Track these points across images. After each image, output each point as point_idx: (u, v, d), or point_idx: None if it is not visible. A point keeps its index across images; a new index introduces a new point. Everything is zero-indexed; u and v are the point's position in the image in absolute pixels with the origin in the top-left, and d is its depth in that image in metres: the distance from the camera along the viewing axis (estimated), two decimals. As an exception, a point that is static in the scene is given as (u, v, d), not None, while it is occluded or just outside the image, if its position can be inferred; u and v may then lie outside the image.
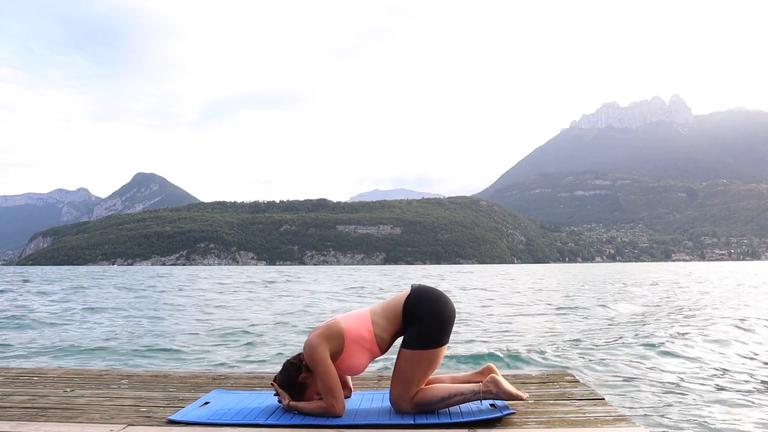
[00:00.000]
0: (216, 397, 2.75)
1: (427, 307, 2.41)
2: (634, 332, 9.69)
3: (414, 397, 2.44)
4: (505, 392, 2.41)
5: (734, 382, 5.72)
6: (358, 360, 2.46)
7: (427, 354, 2.39)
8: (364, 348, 2.44)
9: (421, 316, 2.40)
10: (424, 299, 2.43)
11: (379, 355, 2.51)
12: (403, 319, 2.44)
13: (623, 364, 6.68)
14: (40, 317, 12.83)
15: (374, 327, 2.45)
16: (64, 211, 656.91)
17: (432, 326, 2.39)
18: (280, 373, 2.54)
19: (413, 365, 2.40)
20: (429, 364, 2.42)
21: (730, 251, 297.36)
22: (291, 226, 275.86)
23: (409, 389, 2.43)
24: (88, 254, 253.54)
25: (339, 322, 2.44)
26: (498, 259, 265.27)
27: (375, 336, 2.44)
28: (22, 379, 3.26)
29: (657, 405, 4.86)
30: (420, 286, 2.51)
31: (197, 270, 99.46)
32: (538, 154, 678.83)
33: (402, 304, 2.45)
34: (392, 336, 2.49)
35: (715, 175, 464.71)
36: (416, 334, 2.40)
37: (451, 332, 2.47)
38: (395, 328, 2.46)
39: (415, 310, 2.42)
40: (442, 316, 2.41)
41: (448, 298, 2.50)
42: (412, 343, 2.41)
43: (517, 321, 11.90)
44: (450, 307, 2.46)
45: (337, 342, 2.40)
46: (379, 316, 2.47)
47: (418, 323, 2.41)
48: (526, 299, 18.81)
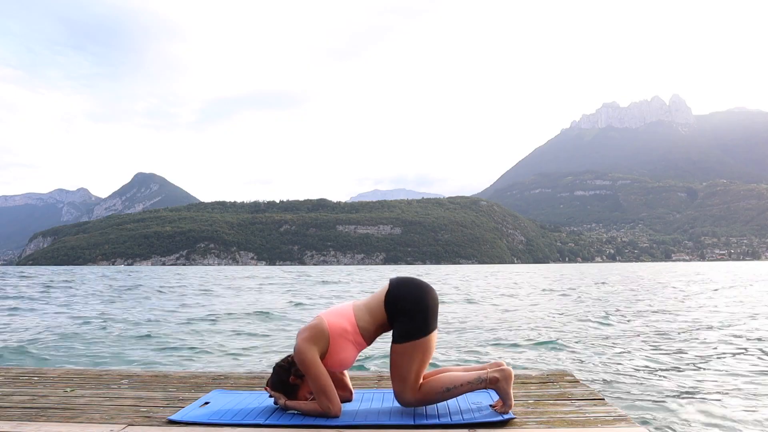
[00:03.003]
0: (216, 397, 2.75)
1: (407, 298, 2.41)
2: (635, 332, 9.66)
3: (420, 389, 2.44)
4: (508, 388, 2.41)
5: (735, 382, 5.70)
6: (345, 354, 2.46)
7: (418, 344, 2.39)
8: (348, 341, 2.44)
9: (404, 308, 2.41)
10: (403, 291, 2.44)
11: (366, 346, 2.51)
12: (387, 312, 2.44)
13: (623, 364, 6.66)
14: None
15: (357, 320, 2.45)
16: (64, 211, 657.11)
17: (416, 316, 2.39)
18: (271, 376, 2.57)
19: (407, 358, 2.40)
20: (423, 354, 2.41)
21: (730, 251, 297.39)
22: (291, 226, 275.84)
23: (409, 382, 2.42)
24: (88, 254, 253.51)
25: (323, 320, 2.45)
26: (498, 259, 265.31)
27: (359, 328, 2.44)
28: (22, 379, 3.25)
29: (657, 405, 4.84)
30: (398, 278, 2.52)
31: (228, 270, 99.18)
32: (538, 154, 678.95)
33: (383, 298, 2.45)
34: (377, 328, 2.49)
35: (715, 175, 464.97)
36: (402, 327, 2.41)
37: (437, 318, 2.46)
38: (379, 321, 2.47)
39: (396, 303, 2.43)
40: (424, 304, 2.41)
41: (428, 285, 2.50)
42: (400, 337, 2.41)
43: (517, 320, 11.87)
44: (431, 293, 2.47)
45: (323, 341, 2.41)
46: (362, 310, 2.48)
47: (402, 316, 2.41)
48: (529, 297, 18.77)
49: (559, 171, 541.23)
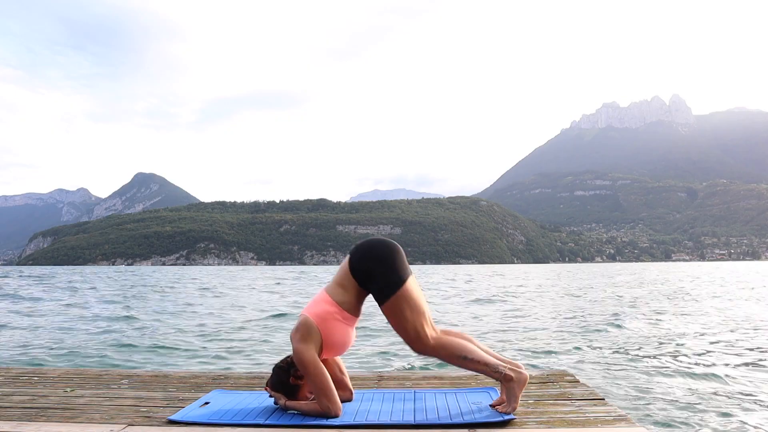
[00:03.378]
0: (216, 397, 2.75)
1: (369, 259, 2.41)
2: (635, 332, 9.66)
3: (438, 340, 2.42)
4: (518, 391, 2.40)
5: (735, 382, 5.69)
6: (339, 334, 2.45)
7: (399, 297, 2.38)
8: (336, 321, 2.43)
9: (369, 269, 2.41)
10: (363, 254, 2.44)
11: (355, 319, 2.50)
12: (357, 280, 2.43)
13: (624, 364, 6.65)
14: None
15: (334, 297, 2.45)
16: (64, 211, 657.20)
17: (384, 271, 2.39)
18: (271, 376, 2.57)
19: (397, 314, 2.39)
20: (409, 303, 2.39)
21: (730, 251, 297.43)
22: (291, 226, 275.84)
23: (411, 334, 2.39)
24: (88, 254, 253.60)
25: (305, 314, 2.45)
26: (498, 259, 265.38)
27: (339, 303, 2.44)
28: (22, 379, 3.25)
29: (657, 405, 4.83)
30: (356, 245, 2.51)
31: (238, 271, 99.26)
32: (538, 154, 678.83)
33: (348, 268, 2.45)
34: (355, 298, 2.47)
35: (715, 175, 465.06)
36: (377, 287, 2.41)
37: (405, 265, 2.44)
38: (354, 290, 2.45)
39: (361, 267, 2.42)
40: (386, 259, 2.41)
41: (383, 240, 2.50)
42: (379, 297, 2.40)
43: (518, 321, 11.88)
44: (389, 246, 2.45)
45: (315, 334, 2.41)
46: (335, 288, 2.47)
47: (372, 277, 2.41)
48: (529, 300, 18.78)
49: (559, 171, 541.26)
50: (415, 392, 2.79)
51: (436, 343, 2.40)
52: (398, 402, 2.61)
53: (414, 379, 3.18)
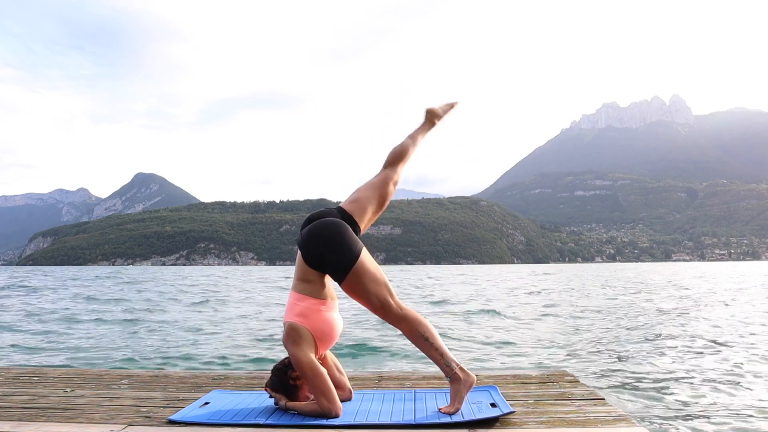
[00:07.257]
0: (216, 398, 2.75)
1: (317, 243, 2.43)
2: (635, 332, 9.63)
3: (405, 313, 2.45)
4: (464, 393, 2.42)
5: (735, 382, 5.66)
6: (325, 324, 2.46)
7: (355, 273, 2.41)
8: (316, 312, 2.45)
9: (320, 255, 2.42)
10: (309, 242, 2.45)
11: (333, 301, 2.53)
12: (313, 268, 2.46)
13: (624, 364, 6.62)
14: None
15: (302, 292, 2.47)
16: (64, 211, 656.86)
17: (334, 251, 2.41)
18: (271, 377, 2.57)
19: (359, 290, 2.43)
20: (368, 275, 2.43)
21: (730, 251, 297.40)
22: (291, 226, 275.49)
23: (377, 305, 2.43)
24: (88, 254, 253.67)
25: (288, 321, 2.46)
26: (498, 259, 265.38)
27: (308, 294, 2.46)
28: (22, 379, 3.25)
29: (657, 405, 4.81)
30: (300, 235, 2.53)
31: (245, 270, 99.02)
32: (538, 154, 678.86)
33: (302, 261, 2.48)
34: (319, 284, 2.49)
35: (715, 175, 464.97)
36: (332, 269, 2.44)
37: (353, 241, 2.45)
38: (315, 278, 2.47)
39: (311, 253, 2.44)
40: (331, 241, 2.42)
41: (323, 219, 2.50)
42: (338, 276, 2.43)
43: (518, 320, 11.84)
44: (329, 224, 2.47)
45: (305, 334, 2.41)
46: (299, 285, 2.49)
47: (324, 261, 2.43)
48: (534, 298, 18.74)
49: (559, 171, 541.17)
50: (415, 392, 2.79)
51: (403, 313, 2.45)
52: (398, 402, 2.61)
53: (414, 379, 3.17)
